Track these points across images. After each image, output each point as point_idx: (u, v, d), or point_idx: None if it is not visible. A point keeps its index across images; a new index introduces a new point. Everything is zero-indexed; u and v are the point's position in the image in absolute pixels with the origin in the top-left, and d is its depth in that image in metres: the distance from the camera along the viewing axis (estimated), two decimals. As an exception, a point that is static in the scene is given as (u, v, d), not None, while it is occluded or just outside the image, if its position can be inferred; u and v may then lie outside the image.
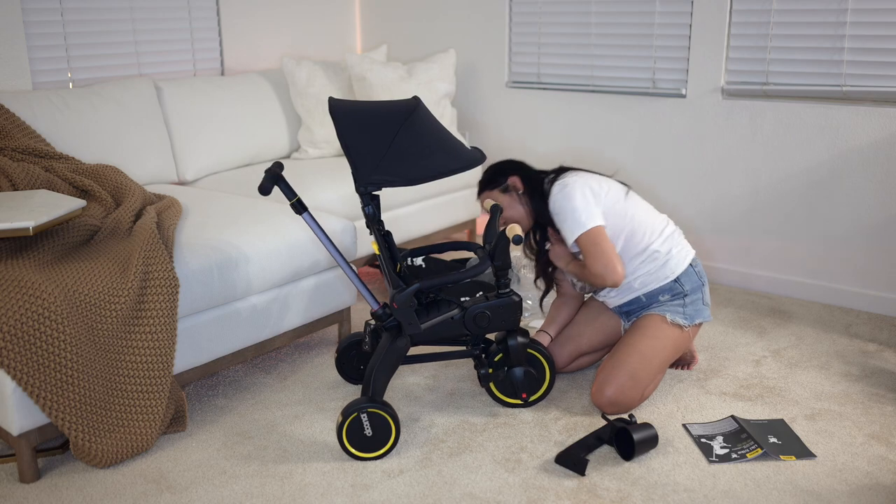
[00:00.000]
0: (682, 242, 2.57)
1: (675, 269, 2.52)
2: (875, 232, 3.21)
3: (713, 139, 3.52)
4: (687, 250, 2.57)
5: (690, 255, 2.57)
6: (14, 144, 2.77)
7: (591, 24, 3.77)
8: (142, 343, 2.21)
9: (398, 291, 2.27)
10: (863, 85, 3.15)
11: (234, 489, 2.10)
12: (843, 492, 2.06)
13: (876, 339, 3.00)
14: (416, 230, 3.73)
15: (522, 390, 2.45)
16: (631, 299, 2.57)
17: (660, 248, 2.50)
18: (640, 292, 2.54)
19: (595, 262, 2.42)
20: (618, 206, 2.50)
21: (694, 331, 2.56)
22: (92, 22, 3.40)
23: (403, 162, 2.16)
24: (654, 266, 2.51)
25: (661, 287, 2.52)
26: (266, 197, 3.15)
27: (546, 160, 4.04)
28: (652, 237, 2.51)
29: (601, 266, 2.40)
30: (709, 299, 2.60)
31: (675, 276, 2.52)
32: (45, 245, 2.22)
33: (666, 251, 2.51)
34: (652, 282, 2.52)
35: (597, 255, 2.41)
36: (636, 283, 2.53)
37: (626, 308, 2.60)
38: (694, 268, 2.56)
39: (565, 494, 2.06)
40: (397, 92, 3.76)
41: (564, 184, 2.49)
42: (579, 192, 2.45)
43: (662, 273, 2.51)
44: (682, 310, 2.51)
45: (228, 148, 3.57)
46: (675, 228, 2.59)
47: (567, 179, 2.50)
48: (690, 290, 2.53)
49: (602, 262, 2.40)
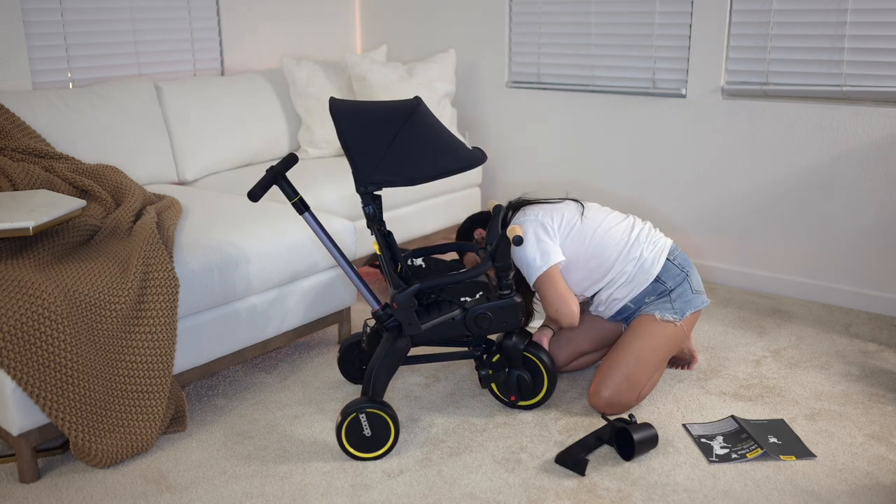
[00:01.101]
0: (653, 239, 2.54)
1: (652, 269, 2.50)
2: (875, 232, 3.21)
3: (713, 139, 3.52)
4: (660, 246, 2.54)
5: (666, 250, 2.53)
6: (14, 144, 2.77)
7: (591, 24, 3.77)
8: (142, 343, 2.21)
9: (399, 292, 2.27)
10: (863, 85, 3.15)
11: (234, 489, 2.10)
12: (843, 492, 2.06)
13: (876, 339, 3.00)
14: (417, 230, 3.73)
15: (512, 392, 2.45)
16: (619, 308, 2.56)
17: (625, 266, 2.51)
18: (626, 300, 2.54)
19: (549, 306, 2.49)
20: (574, 233, 2.52)
21: (690, 321, 2.53)
22: (92, 22, 3.40)
23: (404, 162, 2.15)
24: (628, 275, 2.50)
25: (643, 291, 2.51)
26: (273, 194, 3.16)
27: (546, 160, 4.05)
28: (620, 248, 2.51)
29: (555, 308, 2.47)
30: (699, 285, 2.56)
31: (654, 277, 2.51)
32: (45, 245, 2.22)
33: (636, 256, 2.50)
34: (631, 290, 2.51)
35: (550, 298, 2.47)
36: (619, 293, 2.53)
37: (619, 316, 2.60)
38: (672, 261, 2.52)
39: (565, 494, 2.06)
40: (397, 92, 3.76)
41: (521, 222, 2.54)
42: (530, 237, 2.50)
43: (639, 278, 2.50)
44: (670, 305, 2.50)
45: (228, 148, 3.58)
46: (640, 228, 2.56)
47: (520, 219, 2.55)
48: (674, 284, 2.51)
49: (556, 305, 2.47)
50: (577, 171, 3.95)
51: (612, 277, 2.51)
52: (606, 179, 3.86)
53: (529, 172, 4.13)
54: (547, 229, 2.51)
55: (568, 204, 2.60)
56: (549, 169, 4.03)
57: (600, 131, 3.84)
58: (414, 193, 3.65)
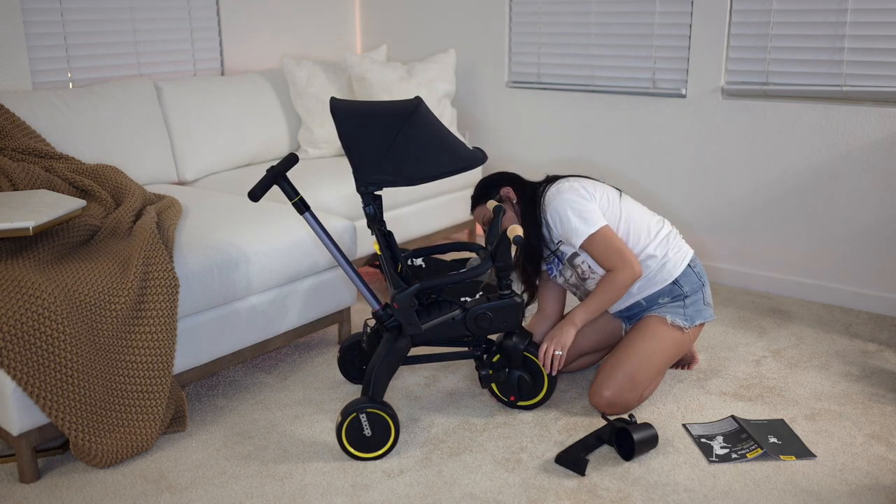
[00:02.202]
0: (679, 244, 2.56)
1: (673, 271, 2.51)
2: (875, 232, 3.21)
3: (713, 139, 3.52)
4: (685, 251, 2.55)
5: (689, 256, 2.55)
6: (14, 144, 2.77)
7: (591, 24, 3.77)
8: (142, 343, 2.21)
9: (399, 292, 2.27)
10: (863, 85, 3.15)
11: (234, 489, 2.10)
12: (843, 492, 2.06)
13: (876, 339, 3.00)
14: (417, 230, 3.73)
15: (512, 392, 2.45)
16: (631, 304, 2.56)
17: (655, 251, 2.49)
18: (640, 297, 2.54)
19: (608, 261, 2.40)
20: (612, 209, 2.50)
21: (696, 331, 2.55)
22: (92, 22, 3.40)
23: (404, 162, 2.15)
24: (650, 270, 2.50)
25: (660, 290, 2.52)
26: (273, 194, 3.16)
27: (546, 160, 4.05)
28: (647, 240, 2.50)
29: (618, 262, 2.39)
30: (710, 299, 2.59)
31: (674, 279, 2.51)
32: (45, 245, 2.22)
33: (662, 254, 2.50)
34: (650, 286, 2.51)
35: (610, 254, 2.40)
36: (634, 287, 2.52)
37: (626, 313, 2.60)
38: (693, 268, 2.54)
39: (565, 494, 2.06)
40: (397, 92, 3.76)
41: (560, 190, 2.47)
42: (578, 197, 2.44)
43: (660, 276, 2.51)
44: (682, 311, 2.51)
45: (228, 148, 3.58)
46: (671, 229, 2.57)
47: (562, 186, 2.48)
48: (690, 291, 2.52)
49: (618, 259, 2.39)
50: (577, 170, 3.94)
51: None
52: (606, 179, 3.86)
53: (529, 172, 4.12)
54: (591, 196, 2.46)
55: (606, 185, 2.59)
56: (549, 169, 4.03)
57: (600, 131, 3.84)
58: (414, 193, 3.65)
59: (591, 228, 2.40)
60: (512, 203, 2.55)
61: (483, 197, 2.60)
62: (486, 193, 2.60)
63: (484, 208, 2.60)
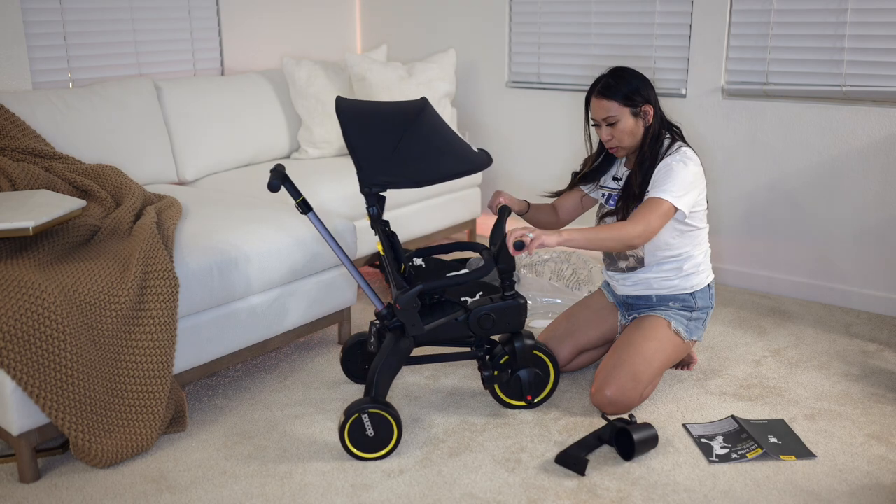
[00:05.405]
0: (709, 263, 2.61)
1: (696, 284, 2.54)
2: (875, 232, 3.21)
3: (713, 139, 3.52)
4: (710, 272, 2.60)
5: (711, 277, 2.60)
6: (14, 144, 2.77)
7: (591, 24, 3.77)
8: (142, 343, 2.21)
9: (402, 292, 2.26)
10: (863, 85, 3.15)
11: (234, 489, 2.10)
12: (843, 492, 2.06)
13: (876, 339, 3.00)
14: (418, 230, 3.73)
15: (528, 392, 2.44)
16: (641, 294, 2.57)
17: (699, 258, 2.53)
18: (655, 292, 2.55)
19: (639, 214, 2.35)
20: (701, 201, 2.50)
21: (689, 344, 2.59)
22: (92, 22, 3.40)
23: (409, 163, 2.14)
24: (683, 271, 2.52)
25: (675, 295, 2.55)
26: (273, 194, 3.14)
27: (546, 160, 4.04)
28: (704, 247, 2.55)
29: (641, 223, 2.33)
30: (707, 324, 2.65)
31: (694, 290, 2.54)
32: (45, 245, 2.22)
33: (699, 263, 2.54)
34: (672, 286, 2.53)
35: (646, 214, 2.35)
36: (654, 282, 2.54)
37: (631, 300, 2.60)
38: (710, 289, 2.59)
39: (565, 494, 2.06)
40: (397, 92, 3.76)
41: (688, 156, 2.42)
42: (692, 176, 2.40)
43: (686, 282, 2.53)
44: (686, 322, 2.53)
45: (228, 148, 3.57)
46: (709, 247, 2.61)
47: (692, 155, 2.44)
48: (700, 307, 2.56)
49: (644, 222, 2.33)
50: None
51: (673, 261, 2.51)
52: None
53: (529, 172, 4.13)
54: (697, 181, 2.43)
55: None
56: (549, 169, 4.03)
57: (600, 131, 3.84)
58: (415, 194, 3.65)
59: (669, 198, 2.36)
60: (645, 124, 2.47)
61: (626, 98, 2.45)
62: (631, 98, 2.46)
63: (612, 105, 2.46)
